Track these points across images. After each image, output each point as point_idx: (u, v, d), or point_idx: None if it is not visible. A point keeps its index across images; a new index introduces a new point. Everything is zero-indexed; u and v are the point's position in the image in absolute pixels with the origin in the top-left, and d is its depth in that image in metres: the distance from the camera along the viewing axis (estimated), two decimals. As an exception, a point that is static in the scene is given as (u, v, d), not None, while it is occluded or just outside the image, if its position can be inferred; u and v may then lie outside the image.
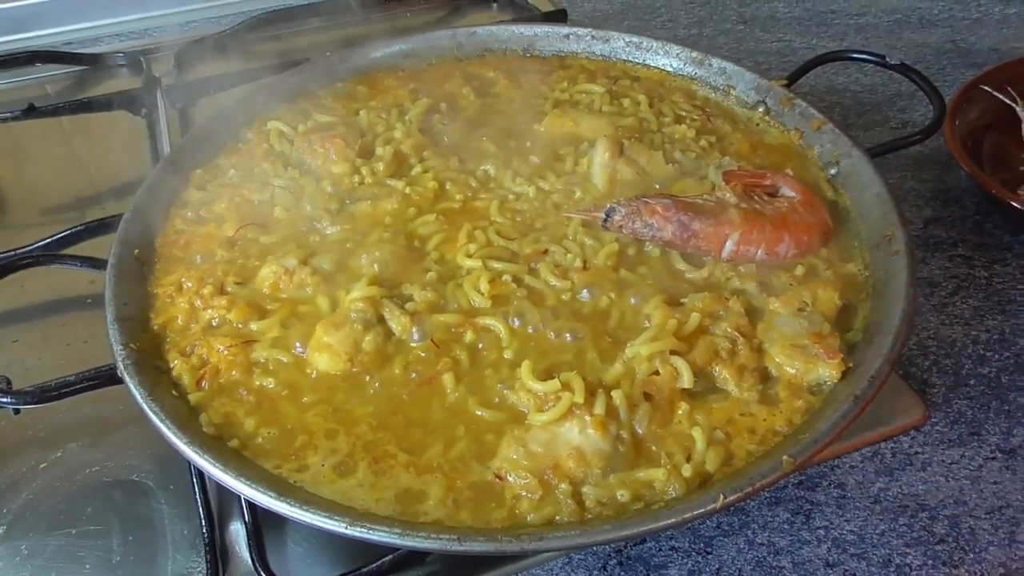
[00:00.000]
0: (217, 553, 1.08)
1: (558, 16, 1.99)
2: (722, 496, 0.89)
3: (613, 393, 1.02)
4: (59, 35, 2.09)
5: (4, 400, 1.04)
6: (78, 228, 1.41)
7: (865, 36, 2.09)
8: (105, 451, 1.22)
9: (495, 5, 2.17)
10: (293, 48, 2.02)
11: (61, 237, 1.41)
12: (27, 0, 2.05)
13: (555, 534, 0.88)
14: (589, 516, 0.94)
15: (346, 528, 0.88)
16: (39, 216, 1.66)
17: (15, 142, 1.81)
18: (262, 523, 1.08)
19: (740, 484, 0.90)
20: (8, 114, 1.73)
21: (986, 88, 1.64)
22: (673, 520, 0.88)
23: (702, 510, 0.89)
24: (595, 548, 1.08)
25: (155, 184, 1.31)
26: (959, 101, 1.62)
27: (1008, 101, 1.64)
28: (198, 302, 1.16)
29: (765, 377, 1.07)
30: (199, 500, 1.11)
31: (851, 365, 1.05)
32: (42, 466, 1.20)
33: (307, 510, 0.90)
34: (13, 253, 1.38)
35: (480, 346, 1.11)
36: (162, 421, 0.98)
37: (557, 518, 0.94)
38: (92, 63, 1.98)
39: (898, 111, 1.82)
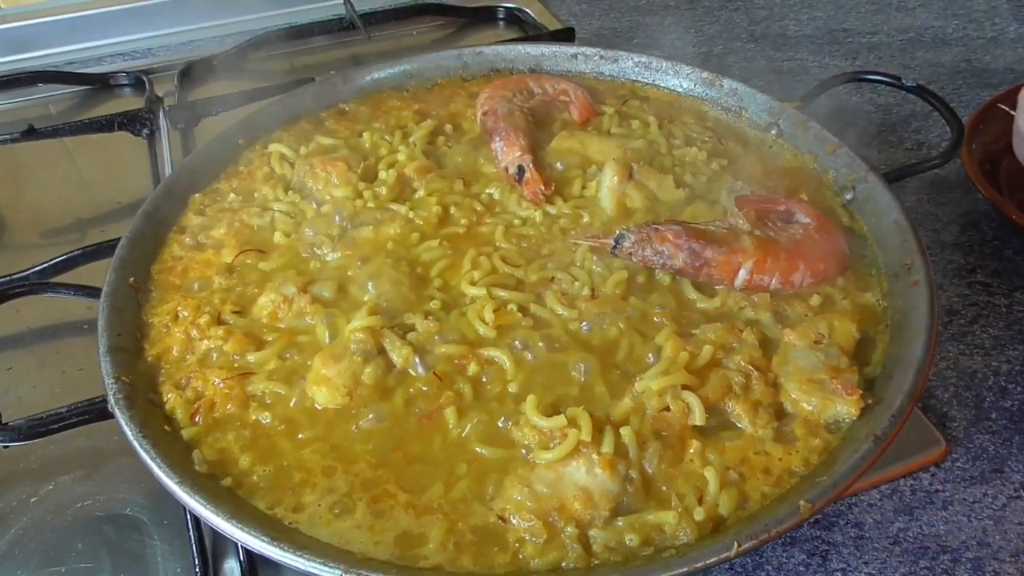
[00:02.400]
0: (211, 592, 1.04)
1: (566, 35, 1.96)
2: (736, 544, 0.85)
3: (622, 430, 0.98)
4: (62, 55, 2.07)
5: (-10, 436, 1.01)
6: (75, 253, 1.39)
7: (878, 55, 2.06)
8: (98, 484, 1.18)
9: (501, 24, 2.15)
10: (297, 68, 2.00)
11: (58, 262, 1.38)
12: (30, 20, 2.04)
13: (561, 582, 0.85)
14: (596, 562, 0.90)
15: (342, 575, 0.84)
16: (39, 239, 1.64)
17: (17, 163, 1.79)
18: (258, 562, 1.05)
19: (755, 530, 0.86)
20: (7, 136, 1.71)
21: (1003, 107, 1.60)
22: (685, 569, 0.84)
23: (715, 558, 0.85)
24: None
25: (152, 209, 1.28)
26: (976, 123, 1.58)
27: (1027, 123, 1.59)
28: (194, 332, 1.13)
29: (780, 414, 1.03)
30: (193, 537, 1.07)
31: (870, 401, 1.01)
32: (33, 500, 1.17)
33: (301, 555, 0.86)
34: (8, 280, 1.35)
35: (484, 379, 1.08)
36: (153, 459, 0.94)
37: (563, 564, 0.90)
38: (95, 83, 1.97)
39: (913, 132, 1.79)
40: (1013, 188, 1.57)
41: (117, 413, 1.00)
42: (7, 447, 1.15)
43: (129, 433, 0.98)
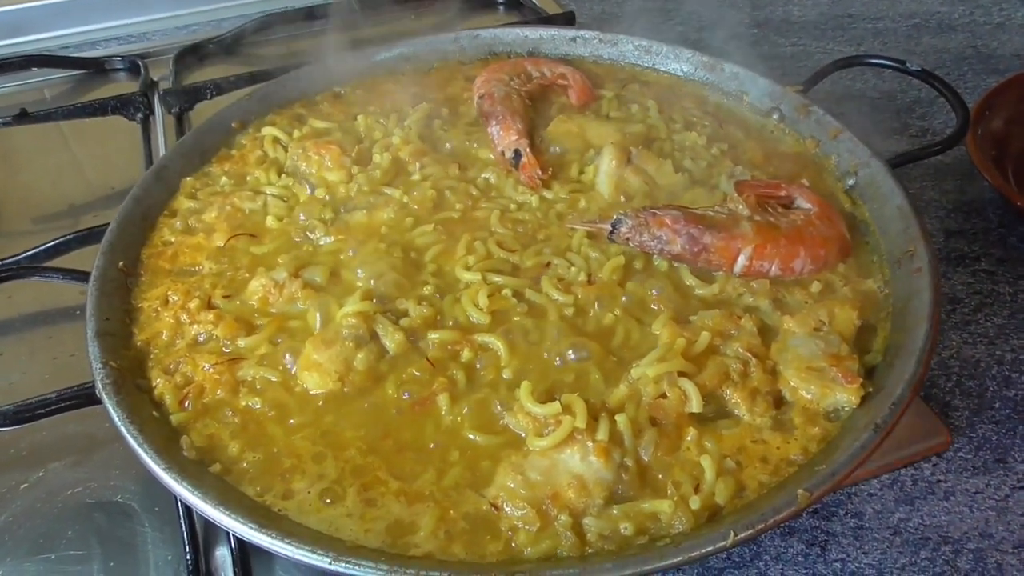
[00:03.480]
0: (201, 580, 1.03)
1: (566, 19, 1.93)
2: (733, 533, 0.83)
3: (617, 417, 0.97)
4: (57, 39, 2.05)
5: (-26, 421, 0.99)
6: (67, 237, 1.37)
7: (883, 41, 2.03)
8: (89, 471, 1.17)
9: (501, 8, 2.12)
10: (293, 52, 1.97)
11: (50, 247, 1.36)
12: (24, 4, 2.01)
13: (553, 571, 0.83)
14: (590, 551, 0.88)
15: (330, 563, 0.83)
16: (32, 224, 1.62)
17: (9, 148, 1.77)
18: (249, 549, 1.03)
19: (752, 520, 0.85)
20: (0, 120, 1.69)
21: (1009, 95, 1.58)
22: (680, 559, 0.82)
23: (711, 548, 0.83)
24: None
25: (142, 193, 1.27)
26: (982, 109, 1.56)
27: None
28: (184, 316, 1.11)
29: (779, 402, 1.01)
30: (184, 524, 1.06)
31: (871, 390, 1.00)
32: (23, 486, 1.15)
33: (289, 543, 0.85)
34: (-1, 264, 1.33)
35: (478, 365, 1.06)
36: (140, 445, 0.93)
37: (557, 552, 0.88)
38: (90, 67, 1.95)
39: (917, 118, 1.76)
40: (1019, 176, 1.54)
41: (104, 398, 0.98)
42: (-5, 432, 1.13)
43: (116, 418, 0.96)
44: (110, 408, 0.97)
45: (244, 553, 1.03)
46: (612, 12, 2.18)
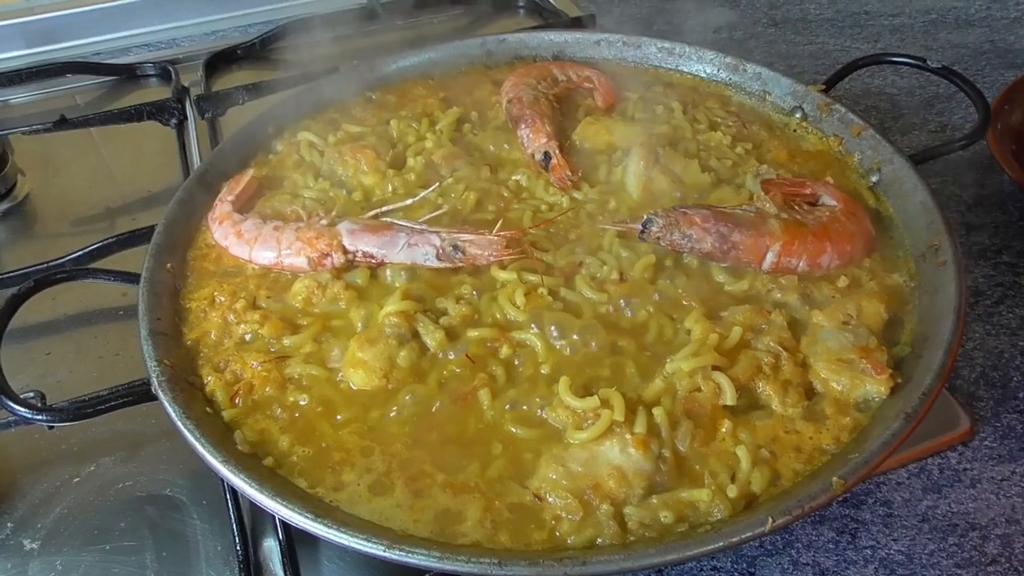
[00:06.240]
0: (251, 570, 1.07)
1: (586, 22, 1.96)
2: (771, 519, 0.86)
3: (654, 410, 1.00)
4: (89, 46, 2.09)
5: (39, 417, 1.03)
6: (109, 240, 1.41)
7: (900, 37, 2.05)
8: (138, 465, 1.21)
9: (521, 12, 2.15)
10: (321, 57, 2.01)
11: (92, 249, 1.41)
12: (56, 12, 2.06)
13: (598, 558, 0.86)
14: (632, 538, 0.91)
15: (384, 551, 0.86)
16: (70, 227, 1.66)
17: (47, 153, 1.81)
18: (296, 540, 1.07)
19: (789, 506, 0.88)
20: (39, 125, 1.73)
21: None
22: (720, 544, 0.85)
23: (750, 534, 0.86)
24: (636, 570, 1.06)
25: (186, 196, 1.30)
26: (1001, 104, 1.58)
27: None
28: (231, 316, 1.15)
29: (810, 393, 1.04)
30: (232, 516, 1.10)
31: (900, 381, 1.02)
32: (75, 480, 1.19)
33: (345, 532, 0.88)
34: (46, 267, 1.38)
35: (516, 361, 1.09)
36: (197, 440, 0.97)
37: (599, 540, 0.91)
38: (122, 73, 1.99)
39: (936, 114, 1.78)
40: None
41: (160, 395, 1.02)
42: (52, 427, 1.17)
43: (173, 414, 1.00)
44: (166, 404, 1.01)
45: (291, 543, 1.07)
46: (631, 14, 2.21)
